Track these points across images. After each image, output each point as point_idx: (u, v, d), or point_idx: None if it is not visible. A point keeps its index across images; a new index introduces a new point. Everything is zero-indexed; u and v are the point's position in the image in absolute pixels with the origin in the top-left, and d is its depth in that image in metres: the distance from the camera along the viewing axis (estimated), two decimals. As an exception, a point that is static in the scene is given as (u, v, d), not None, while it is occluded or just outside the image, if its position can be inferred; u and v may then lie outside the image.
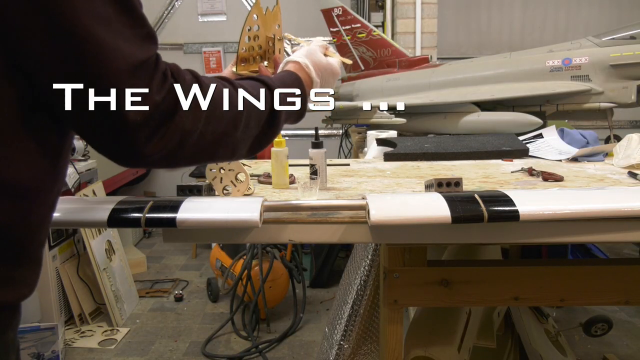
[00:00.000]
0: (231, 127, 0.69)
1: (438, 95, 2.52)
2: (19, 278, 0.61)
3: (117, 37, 0.56)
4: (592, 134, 1.79)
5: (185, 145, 0.63)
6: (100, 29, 0.54)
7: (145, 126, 0.58)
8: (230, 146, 0.71)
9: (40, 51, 0.54)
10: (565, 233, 0.93)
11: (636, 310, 2.92)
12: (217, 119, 0.66)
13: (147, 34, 0.60)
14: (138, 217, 0.92)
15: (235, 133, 0.70)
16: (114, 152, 0.61)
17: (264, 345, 2.66)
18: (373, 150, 1.97)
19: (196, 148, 0.65)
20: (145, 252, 4.00)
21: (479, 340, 1.58)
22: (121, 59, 0.56)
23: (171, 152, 0.62)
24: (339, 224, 0.98)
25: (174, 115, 0.61)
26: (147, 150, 0.60)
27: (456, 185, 1.01)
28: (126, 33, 0.57)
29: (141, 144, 0.59)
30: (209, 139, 0.66)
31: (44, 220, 0.64)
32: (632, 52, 2.05)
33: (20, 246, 0.61)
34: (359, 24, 3.35)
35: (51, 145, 0.62)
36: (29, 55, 0.54)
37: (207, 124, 0.65)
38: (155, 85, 0.59)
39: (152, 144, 0.60)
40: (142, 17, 0.60)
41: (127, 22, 0.57)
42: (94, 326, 2.88)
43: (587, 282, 1.14)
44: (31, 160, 0.59)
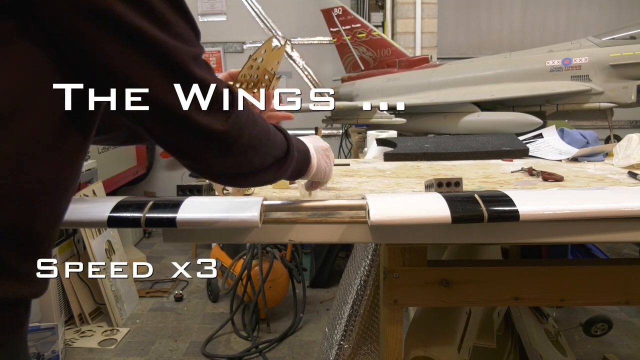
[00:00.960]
0: (265, 137, 0.76)
1: (438, 95, 2.52)
2: (35, 274, 0.62)
3: (176, 38, 0.61)
4: (592, 134, 1.79)
5: (240, 137, 0.69)
6: (161, 32, 0.59)
7: (216, 103, 0.65)
8: (263, 155, 0.76)
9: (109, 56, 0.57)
10: (565, 233, 0.93)
11: (636, 310, 2.92)
12: (257, 124, 0.73)
13: (197, 33, 0.66)
14: (138, 217, 0.92)
15: (268, 144, 0.77)
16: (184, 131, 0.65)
17: (264, 345, 2.66)
18: (373, 150, 1.96)
19: (245, 145, 0.71)
20: (145, 252, 4.00)
21: (479, 340, 1.58)
22: (184, 54, 0.61)
23: (232, 138, 0.68)
24: (339, 224, 0.98)
25: (234, 104, 0.67)
26: (215, 126, 0.65)
27: (456, 185, 1.01)
28: (184, 34, 0.63)
29: (210, 120, 0.65)
30: (253, 141, 0.72)
31: (60, 217, 0.66)
32: (632, 52, 2.05)
33: (40, 243, 0.62)
34: (359, 24, 3.35)
35: (79, 146, 0.64)
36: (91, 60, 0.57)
37: (253, 125, 0.72)
38: (214, 75, 0.66)
39: (220, 122, 0.66)
40: (192, 17, 0.65)
41: (182, 23, 0.63)
42: (94, 326, 2.88)
43: (587, 282, 1.14)
44: (62, 161, 0.61)
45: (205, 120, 0.64)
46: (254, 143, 0.73)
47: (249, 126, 0.70)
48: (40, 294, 0.63)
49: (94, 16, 0.54)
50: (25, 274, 0.60)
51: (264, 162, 0.77)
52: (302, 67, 4.87)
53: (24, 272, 0.60)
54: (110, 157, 3.62)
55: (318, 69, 4.85)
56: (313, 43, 4.82)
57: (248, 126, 0.70)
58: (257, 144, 0.73)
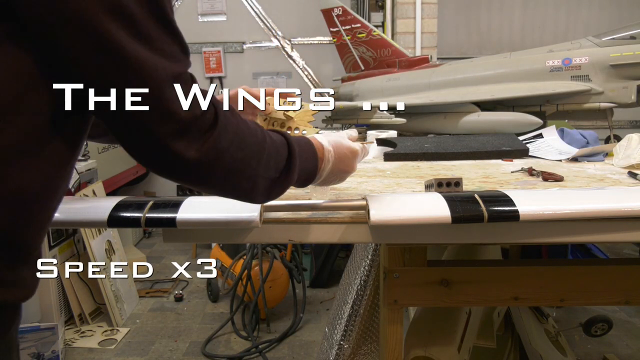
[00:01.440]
0: (255, 160, 0.71)
1: (438, 95, 2.52)
2: (20, 279, 0.62)
3: (157, 53, 0.58)
4: (592, 134, 1.79)
5: (219, 162, 0.65)
6: (141, 46, 0.57)
7: (189, 129, 0.61)
8: (252, 179, 0.72)
9: (81, 65, 0.56)
10: (565, 233, 0.93)
11: (636, 310, 2.92)
12: (245, 147, 0.69)
13: (184, 49, 0.63)
14: (138, 217, 0.92)
15: (258, 168, 0.72)
16: (154, 155, 0.63)
17: (264, 345, 2.66)
18: (373, 150, 1.96)
19: (226, 170, 0.67)
20: (145, 252, 4.00)
21: (479, 340, 1.58)
22: (161, 71, 0.59)
23: (207, 164, 0.64)
24: (339, 224, 0.98)
25: (214, 128, 0.63)
26: (187, 153, 0.62)
27: (456, 185, 1.01)
28: (166, 49, 0.60)
29: (182, 147, 0.61)
30: (237, 165, 0.68)
31: (46, 223, 0.65)
32: (632, 52, 2.05)
33: (23, 248, 0.62)
34: (359, 24, 3.35)
35: (67, 153, 0.63)
36: (71, 68, 0.57)
37: (237, 149, 0.67)
38: (197, 96, 0.62)
39: (192, 149, 0.62)
40: (179, 33, 0.63)
41: (166, 38, 0.60)
42: (94, 326, 2.88)
43: (587, 282, 1.13)
44: (46, 166, 0.61)
45: (176, 146, 0.61)
46: (239, 167, 0.69)
47: (231, 150, 0.66)
48: (25, 298, 0.63)
49: (72, 23, 0.54)
50: (6, 279, 0.60)
51: (254, 184, 0.73)
52: (302, 67, 4.87)
53: (5, 277, 0.60)
54: (110, 157, 3.62)
55: (318, 69, 4.85)
56: (313, 43, 4.82)
57: (230, 150, 0.66)
58: (243, 167, 0.69)
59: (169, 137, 0.60)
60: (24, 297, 0.63)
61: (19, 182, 0.58)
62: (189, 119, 0.60)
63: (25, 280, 0.63)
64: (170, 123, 0.59)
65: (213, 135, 0.63)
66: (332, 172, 0.89)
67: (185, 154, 0.61)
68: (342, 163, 0.90)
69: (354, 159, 0.93)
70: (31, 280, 0.64)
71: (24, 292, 0.63)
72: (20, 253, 0.61)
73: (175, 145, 0.60)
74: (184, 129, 0.60)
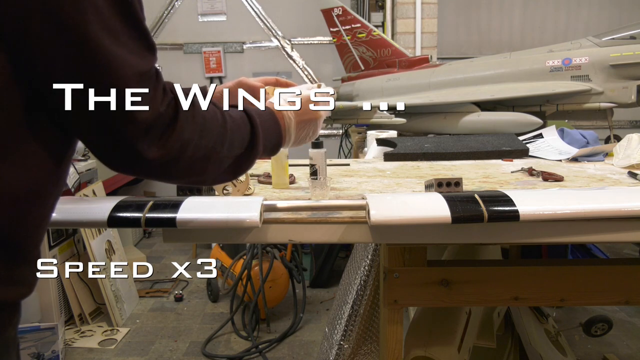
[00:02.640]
0: (219, 144, 0.71)
1: (438, 95, 2.52)
2: (17, 277, 0.62)
3: (123, 48, 0.58)
4: (592, 134, 1.79)
5: (183, 155, 0.65)
6: (108, 40, 0.56)
7: (151, 128, 0.61)
8: (217, 163, 0.73)
9: (49, 58, 0.56)
10: (565, 233, 0.93)
11: (636, 310, 2.92)
12: (209, 133, 0.69)
13: (149, 46, 0.62)
14: (138, 217, 0.92)
15: (222, 150, 0.72)
16: (115, 154, 0.62)
17: (264, 345, 2.66)
18: (373, 150, 1.97)
19: (191, 160, 0.67)
20: (145, 252, 4.00)
21: (479, 340, 1.58)
22: (127, 68, 0.58)
23: (170, 160, 0.64)
24: (339, 224, 0.98)
25: (175, 123, 0.63)
26: (149, 153, 0.62)
27: (456, 185, 1.01)
28: (131, 45, 0.59)
29: (145, 147, 0.61)
30: (202, 153, 0.68)
31: (42, 221, 0.65)
32: (632, 52, 2.05)
33: (18, 246, 0.62)
34: (359, 24, 3.35)
35: (53, 150, 0.63)
36: (36, 60, 0.56)
37: (201, 137, 0.67)
38: (158, 94, 0.62)
39: (154, 148, 0.62)
40: (145, 29, 0.62)
41: (132, 34, 0.60)
42: (94, 326, 2.88)
43: (587, 282, 1.14)
44: (32, 164, 0.60)
45: (139, 146, 0.60)
46: (204, 155, 0.69)
47: (194, 140, 0.66)
48: (22, 297, 0.63)
49: (40, 14, 0.53)
50: (3, 278, 0.60)
51: (220, 166, 0.74)
52: (302, 67, 4.87)
53: (2, 275, 0.60)
54: (110, 157, 3.62)
55: (318, 69, 4.85)
56: (313, 43, 4.82)
57: (194, 141, 0.66)
58: (208, 154, 0.70)
59: (131, 137, 0.60)
60: (21, 296, 0.63)
61: (4, 181, 0.57)
62: (151, 119, 0.60)
63: (23, 279, 0.63)
64: (131, 123, 0.59)
65: (175, 130, 0.63)
66: (298, 127, 0.90)
67: (148, 153, 0.61)
68: (305, 114, 0.91)
69: (311, 104, 0.93)
70: (29, 279, 0.64)
71: (22, 291, 0.63)
72: (17, 252, 0.61)
73: (138, 146, 0.60)
74: (145, 129, 0.60)
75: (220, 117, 0.72)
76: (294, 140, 0.90)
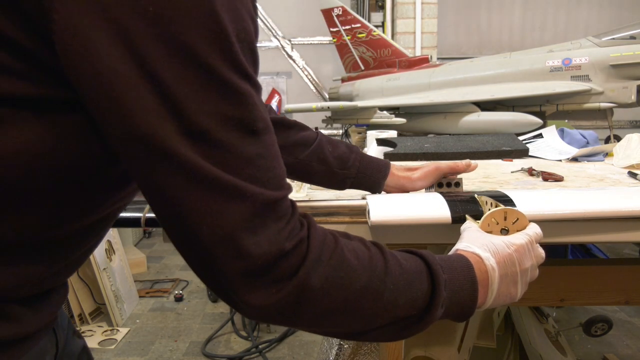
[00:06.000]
0: (369, 300, 0.54)
1: (438, 95, 2.52)
2: (6, 313, 0.53)
3: (249, 179, 0.47)
4: (592, 134, 1.79)
5: (307, 306, 0.51)
6: (228, 172, 0.46)
7: (265, 269, 0.48)
8: (365, 320, 0.55)
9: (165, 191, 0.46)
10: (565, 233, 0.93)
11: (636, 310, 2.92)
12: (351, 283, 0.53)
13: (283, 171, 0.51)
14: (138, 217, 0.92)
15: (375, 307, 0.55)
16: (211, 284, 0.51)
17: (264, 345, 2.66)
18: (373, 150, 1.96)
19: (320, 313, 0.52)
20: (145, 252, 4.00)
21: (479, 340, 1.58)
22: (250, 203, 0.47)
23: (289, 308, 0.50)
24: (339, 224, 0.98)
25: (302, 265, 0.50)
26: (254, 300, 0.49)
27: (456, 185, 1.01)
28: (260, 175, 0.48)
29: (248, 290, 0.49)
30: (337, 306, 0.52)
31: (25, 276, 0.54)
32: (632, 52, 2.05)
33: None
34: (359, 24, 3.35)
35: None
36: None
37: (338, 288, 0.52)
38: (288, 229, 0.50)
39: (263, 293, 0.49)
40: (278, 155, 0.51)
41: (262, 162, 0.48)
42: (94, 326, 2.88)
43: (587, 282, 1.13)
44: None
45: (242, 287, 0.48)
46: (341, 308, 0.52)
47: (326, 289, 0.51)
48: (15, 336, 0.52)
49: (146, 147, 0.45)
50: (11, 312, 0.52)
51: (367, 325, 0.55)
52: (302, 67, 4.87)
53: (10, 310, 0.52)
54: (110, 157, 3.62)
55: (318, 69, 4.85)
56: (313, 43, 4.82)
57: (325, 289, 0.51)
58: (347, 308, 0.53)
59: (233, 276, 0.48)
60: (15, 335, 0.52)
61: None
62: (270, 257, 0.48)
63: (14, 315, 0.53)
64: (239, 259, 0.47)
65: (298, 275, 0.49)
66: (497, 299, 0.65)
67: (253, 299, 0.49)
68: (512, 285, 0.66)
69: (531, 269, 0.68)
70: (24, 316, 0.54)
71: (15, 328, 0.52)
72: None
73: (240, 288, 0.48)
74: (256, 269, 0.47)
75: (379, 264, 0.55)
76: (493, 301, 0.64)
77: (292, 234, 0.50)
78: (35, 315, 0.55)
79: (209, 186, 0.45)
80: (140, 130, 0.43)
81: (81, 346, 0.74)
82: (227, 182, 0.45)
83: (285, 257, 0.48)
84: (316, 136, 0.95)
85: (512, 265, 0.64)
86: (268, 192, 0.48)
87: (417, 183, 0.99)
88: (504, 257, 0.64)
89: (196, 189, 0.45)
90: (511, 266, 0.64)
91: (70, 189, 0.51)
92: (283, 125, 0.93)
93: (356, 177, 0.98)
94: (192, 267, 0.51)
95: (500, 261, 0.64)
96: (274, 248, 0.47)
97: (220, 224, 0.45)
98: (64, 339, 0.67)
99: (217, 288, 0.50)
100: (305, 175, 0.97)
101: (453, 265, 0.61)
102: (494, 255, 0.64)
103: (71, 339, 0.71)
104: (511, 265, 0.64)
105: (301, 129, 0.96)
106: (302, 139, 0.94)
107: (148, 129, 0.43)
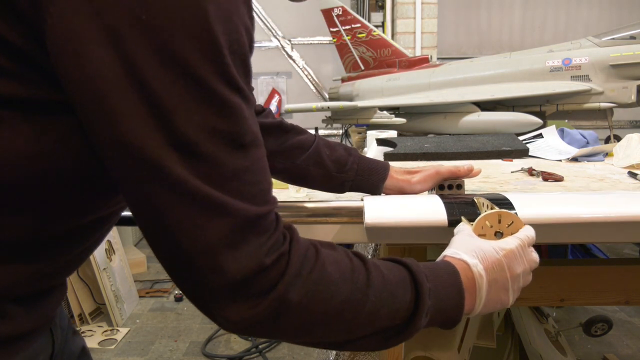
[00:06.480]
0: (350, 312, 0.53)
1: (438, 95, 2.52)
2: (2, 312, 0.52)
3: (234, 194, 0.46)
4: (592, 134, 1.79)
5: (285, 319, 0.50)
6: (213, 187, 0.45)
7: (242, 283, 0.47)
8: (347, 332, 0.55)
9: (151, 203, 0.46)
10: (565, 235, 0.93)
11: (636, 310, 2.92)
12: (331, 297, 0.52)
13: (269, 185, 0.51)
14: (137, 218, 0.92)
15: (357, 319, 0.54)
16: (191, 297, 0.51)
17: (264, 345, 2.66)
18: (373, 150, 1.96)
19: (298, 326, 0.52)
20: (145, 252, 4.00)
21: (479, 340, 1.58)
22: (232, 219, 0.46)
23: (264, 323, 0.50)
24: (337, 224, 0.98)
25: (281, 279, 0.49)
26: (232, 314, 0.48)
27: (458, 187, 1.00)
28: (245, 189, 0.47)
29: (226, 305, 0.48)
30: (317, 319, 0.52)
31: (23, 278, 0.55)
32: (632, 52, 2.05)
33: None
34: (359, 24, 3.35)
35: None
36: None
37: (317, 302, 0.51)
38: (270, 244, 0.49)
39: (240, 307, 0.48)
40: (266, 169, 0.50)
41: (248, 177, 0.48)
42: (94, 326, 2.88)
43: (587, 282, 1.13)
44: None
45: (221, 302, 0.48)
46: (320, 321, 0.52)
47: (305, 304, 0.50)
48: (9, 336, 0.52)
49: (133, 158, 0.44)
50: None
51: (351, 338, 0.55)
52: (302, 67, 4.87)
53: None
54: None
55: (318, 69, 4.85)
56: (313, 43, 4.82)
57: (303, 304, 0.50)
58: (328, 321, 0.52)
59: (211, 290, 0.48)
60: (9, 333, 0.52)
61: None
62: (248, 271, 0.47)
63: (10, 314, 0.52)
64: (217, 272, 0.46)
65: (277, 290, 0.48)
66: (486, 306, 0.63)
67: (230, 314, 0.48)
68: (502, 291, 0.64)
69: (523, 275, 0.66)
70: (19, 315, 0.53)
71: (9, 327, 0.52)
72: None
73: (219, 302, 0.48)
74: (234, 283, 0.47)
75: (361, 277, 0.54)
76: (482, 308, 0.63)
77: (272, 248, 0.49)
78: (31, 315, 0.55)
79: (192, 200, 0.44)
80: (127, 139, 0.43)
81: (81, 346, 0.74)
82: (210, 197, 0.45)
83: (264, 272, 0.48)
84: (313, 140, 0.94)
85: (502, 271, 0.63)
86: (252, 208, 0.47)
87: (416, 186, 0.98)
88: (493, 263, 0.63)
89: (179, 202, 0.44)
90: (500, 272, 0.63)
91: (68, 190, 0.51)
92: (280, 129, 0.93)
93: (354, 180, 0.97)
94: (172, 278, 0.50)
95: (488, 267, 0.63)
96: (253, 263, 0.47)
97: (201, 238, 0.45)
98: (61, 339, 0.67)
99: (195, 300, 0.50)
100: (303, 180, 0.96)
101: (439, 273, 0.60)
102: (482, 262, 0.63)
103: (71, 339, 0.71)
104: (500, 271, 0.63)
105: (298, 132, 0.95)
106: (299, 142, 0.93)
107: (134, 138, 0.42)
